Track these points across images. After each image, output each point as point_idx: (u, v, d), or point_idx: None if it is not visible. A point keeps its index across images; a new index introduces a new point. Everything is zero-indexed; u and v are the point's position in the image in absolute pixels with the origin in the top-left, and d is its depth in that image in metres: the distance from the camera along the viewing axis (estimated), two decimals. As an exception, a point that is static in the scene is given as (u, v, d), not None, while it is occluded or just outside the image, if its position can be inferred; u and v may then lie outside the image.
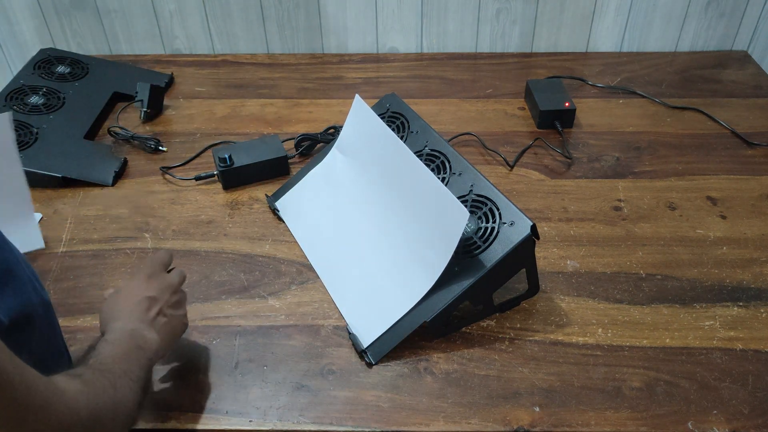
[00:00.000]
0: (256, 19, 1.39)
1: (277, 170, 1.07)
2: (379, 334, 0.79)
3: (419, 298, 0.78)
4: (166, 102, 1.25)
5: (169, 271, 0.76)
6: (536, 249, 0.79)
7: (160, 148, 1.13)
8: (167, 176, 1.08)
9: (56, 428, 0.51)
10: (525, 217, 0.77)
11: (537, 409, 0.73)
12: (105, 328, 0.68)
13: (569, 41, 1.41)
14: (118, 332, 0.66)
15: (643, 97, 1.25)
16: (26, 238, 0.88)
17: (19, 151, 1.06)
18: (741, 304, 0.85)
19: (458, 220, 0.75)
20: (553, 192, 1.03)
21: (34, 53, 1.31)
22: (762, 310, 0.84)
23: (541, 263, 0.90)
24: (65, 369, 0.58)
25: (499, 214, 0.79)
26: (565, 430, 0.71)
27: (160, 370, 0.78)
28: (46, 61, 1.27)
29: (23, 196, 0.82)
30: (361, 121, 0.96)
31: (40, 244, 0.92)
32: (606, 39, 1.41)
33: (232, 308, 0.86)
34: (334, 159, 1.00)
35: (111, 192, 1.05)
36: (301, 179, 1.01)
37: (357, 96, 0.97)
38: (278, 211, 1.00)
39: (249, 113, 1.23)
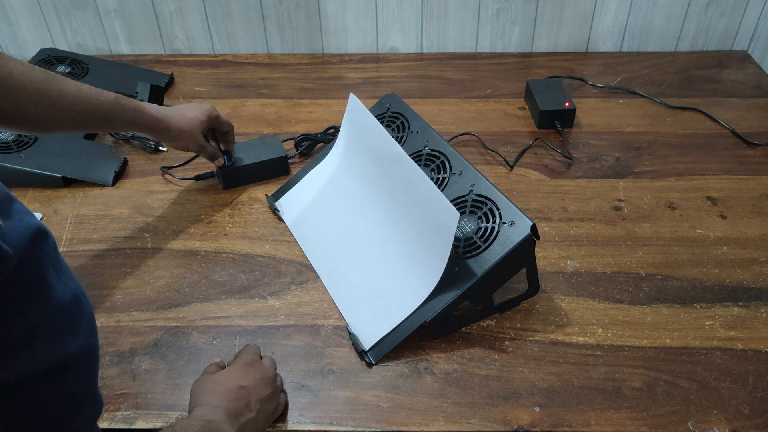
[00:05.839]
0: (256, 19, 1.39)
1: (277, 170, 1.07)
2: (381, 336, 0.79)
3: (422, 301, 0.78)
4: (166, 102, 1.25)
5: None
6: (536, 249, 0.79)
7: (160, 148, 1.13)
8: (167, 176, 1.08)
9: None
10: (525, 217, 0.77)
11: (537, 409, 0.73)
12: (189, 410, 0.66)
13: (569, 41, 1.41)
14: (192, 420, 0.62)
15: (643, 97, 1.25)
16: None
17: (20, 151, 1.06)
18: (741, 304, 0.85)
19: (450, 221, 0.75)
20: (553, 192, 1.03)
21: (34, 53, 1.31)
22: (762, 310, 0.84)
23: (541, 263, 0.90)
24: (96, 411, 0.55)
25: (499, 214, 0.79)
26: (565, 430, 0.71)
27: (161, 371, 0.78)
28: (46, 61, 1.27)
29: None
30: (357, 120, 0.96)
31: None
32: (606, 39, 1.41)
33: (232, 308, 0.86)
34: (334, 159, 1.00)
35: (111, 192, 1.05)
36: (301, 179, 1.01)
37: (352, 95, 0.96)
38: (278, 211, 1.00)
39: (249, 113, 1.24)
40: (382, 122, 1.00)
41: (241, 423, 0.65)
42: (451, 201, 0.84)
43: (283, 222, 0.98)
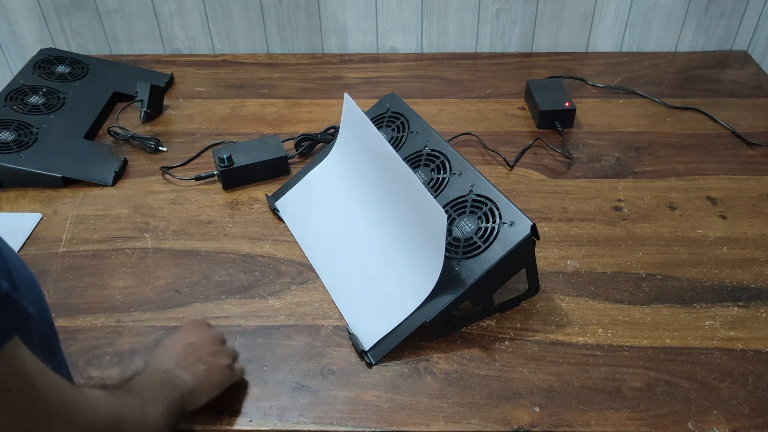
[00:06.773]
0: (256, 19, 1.39)
1: (277, 170, 1.07)
2: (381, 335, 0.79)
3: (421, 301, 0.78)
4: (166, 102, 1.25)
5: None
6: (536, 249, 0.79)
7: (160, 148, 1.13)
8: (167, 176, 1.08)
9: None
10: (525, 217, 0.77)
11: (537, 409, 0.73)
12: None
13: (569, 41, 1.41)
14: (151, 369, 0.67)
15: (643, 97, 1.25)
16: None
17: (20, 151, 1.06)
18: (741, 304, 0.85)
19: (439, 222, 0.75)
20: (553, 192, 1.03)
21: (34, 53, 1.31)
22: (762, 310, 0.84)
23: (541, 263, 0.90)
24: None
25: (499, 214, 0.79)
26: (565, 430, 0.71)
27: (160, 370, 0.78)
28: (46, 61, 1.27)
29: None
30: (352, 120, 0.96)
31: None
32: (606, 39, 1.41)
33: (232, 308, 0.86)
34: (333, 159, 1.00)
35: (111, 192, 1.05)
36: (301, 179, 1.01)
37: (346, 95, 0.96)
38: (278, 211, 1.00)
39: (249, 113, 1.24)
40: (381, 122, 1.00)
41: (194, 372, 0.68)
42: (451, 201, 0.85)
43: (283, 222, 0.98)
